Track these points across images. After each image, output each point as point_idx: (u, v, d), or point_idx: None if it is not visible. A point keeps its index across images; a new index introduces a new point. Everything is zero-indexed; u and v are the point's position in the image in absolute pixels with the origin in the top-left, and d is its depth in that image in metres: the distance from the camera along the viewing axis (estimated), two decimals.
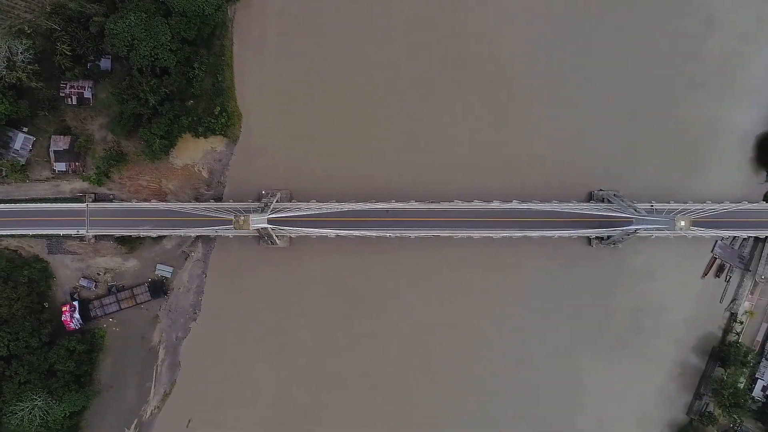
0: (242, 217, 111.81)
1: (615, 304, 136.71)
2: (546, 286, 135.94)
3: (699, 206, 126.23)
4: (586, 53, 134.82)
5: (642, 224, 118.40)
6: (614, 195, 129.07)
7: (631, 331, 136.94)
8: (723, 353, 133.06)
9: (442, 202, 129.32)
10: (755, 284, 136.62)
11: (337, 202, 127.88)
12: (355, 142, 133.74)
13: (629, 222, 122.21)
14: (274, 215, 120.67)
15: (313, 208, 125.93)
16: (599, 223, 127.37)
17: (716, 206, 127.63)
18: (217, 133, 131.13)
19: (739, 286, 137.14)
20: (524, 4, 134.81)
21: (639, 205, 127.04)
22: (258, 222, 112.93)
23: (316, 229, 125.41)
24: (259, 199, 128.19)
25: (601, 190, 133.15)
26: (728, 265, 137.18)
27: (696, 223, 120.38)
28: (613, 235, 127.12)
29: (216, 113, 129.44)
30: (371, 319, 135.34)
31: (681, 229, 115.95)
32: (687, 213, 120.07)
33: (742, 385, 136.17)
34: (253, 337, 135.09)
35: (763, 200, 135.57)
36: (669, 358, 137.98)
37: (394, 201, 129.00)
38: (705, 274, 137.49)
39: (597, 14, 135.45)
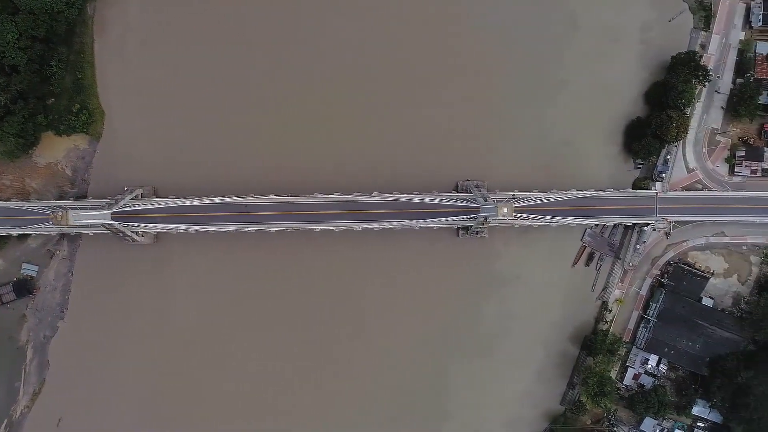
0: (60, 213, 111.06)
1: (485, 296, 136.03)
2: (414, 280, 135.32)
3: (539, 194, 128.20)
4: (456, 54, 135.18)
5: (485, 213, 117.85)
6: (475, 186, 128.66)
7: (503, 322, 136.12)
8: (590, 342, 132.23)
9: (301, 195, 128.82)
10: (624, 272, 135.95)
11: (195, 197, 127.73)
12: (218, 137, 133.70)
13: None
14: (122, 210, 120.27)
15: (169, 203, 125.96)
16: (458, 213, 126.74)
17: (558, 194, 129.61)
18: (79, 130, 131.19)
19: (610, 274, 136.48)
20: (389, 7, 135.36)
21: (500, 195, 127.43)
22: (91, 218, 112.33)
23: (170, 225, 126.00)
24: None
25: (467, 180, 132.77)
26: (598, 253, 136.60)
27: (540, 211, 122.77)
28: (472, 225, 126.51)
29: (75, 111, 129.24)
30: (240, 316, 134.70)
31: (504, 216, 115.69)
32: (526, 200, 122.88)
33: (614, 374, 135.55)
34: (123, 335, 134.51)
35: (632, 188, 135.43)
36: (543, 349, 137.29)
37: (253, 195, 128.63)
38: (575, 262, 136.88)
39: (467, 16, 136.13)
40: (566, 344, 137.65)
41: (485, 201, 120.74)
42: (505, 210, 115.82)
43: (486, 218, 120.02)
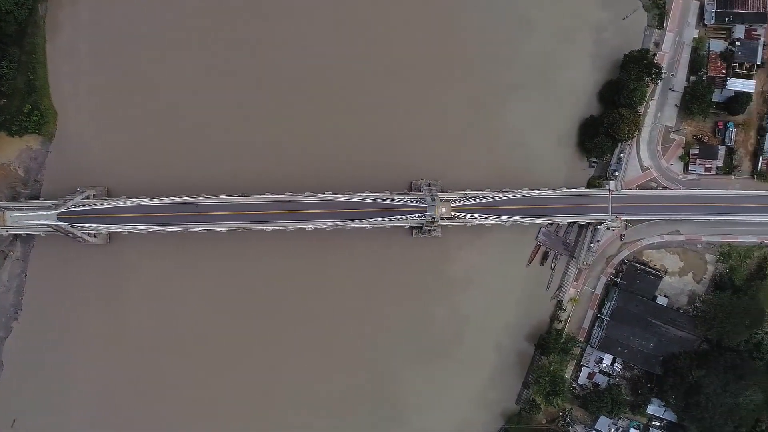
0: None
1: (439, 295, 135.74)
2: (367, 281, 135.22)
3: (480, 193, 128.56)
4: (411, 56, 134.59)
5: (430, 212, 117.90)
6: (427, 185, 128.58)
7: (457, 322, 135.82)
8: (544, 341, 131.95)
9: (252, 195, 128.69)
10: (579, 271, 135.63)
11: (146, 197, 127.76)
12: (172, 138, 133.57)
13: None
14: (70, 211, 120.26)
15: (120, 203, 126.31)
16: (407, 213, 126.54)
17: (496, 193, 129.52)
18: (31, 131, 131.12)
19: (564, 273, 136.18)
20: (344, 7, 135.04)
21: (451, 194, 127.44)
22: (33, 219, 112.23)
23: (120, 226, 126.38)
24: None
25: (421, 179, 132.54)
26: (553, 252, 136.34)
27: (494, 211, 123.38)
28: (423, 225, 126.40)
29: (26, 112, 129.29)
30: (193, 316, 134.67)
31: (442, 215, 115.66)
32: (473, 199, 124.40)
33: (568, 373, 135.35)
34: (78, 335, 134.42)
35: (587, 186, 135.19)
36: (498, 349, 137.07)
37: (204, 195, 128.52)
38: (530, 261, 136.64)
39: (422, 19, 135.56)
40: (522, 343, 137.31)
41: (432, 200, 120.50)
42: (443, 209, 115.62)
43: (433, 217, 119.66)
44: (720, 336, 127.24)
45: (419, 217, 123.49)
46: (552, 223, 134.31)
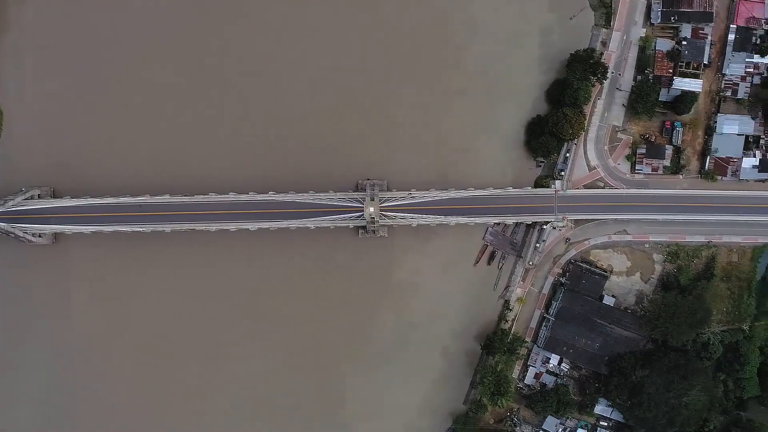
0: None
1: (386, 295, 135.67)
2: (312, 284, 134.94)
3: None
4: (360, 58, 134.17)
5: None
6: (371, 185, 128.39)
7: (405, 323, 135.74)
8: (489, 341, 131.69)
9: (196, 194, 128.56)
10: (526, 271, 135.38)
11: (90, 197, 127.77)
12: (118, 138, 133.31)
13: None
14: (11, 210, 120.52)
15: (63, 203, 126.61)
16: (350, 212, 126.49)
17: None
18: None
19: (512, 273, 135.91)
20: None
21: (395, 194, 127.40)
22: None
23: (63, 226, 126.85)
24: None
25: (367, 179, 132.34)
26: (500, 252, 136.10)
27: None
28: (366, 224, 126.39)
29: None
30: (139, 317, 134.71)
31: (370, 215, 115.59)
32: (413, 199, 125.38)
33: (516, 373, 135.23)
34: (23, 337, 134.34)
35: (534, 186, 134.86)
36: (447, 349, 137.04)
37: (148, 195, 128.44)
38: (477, 261, 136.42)
39: (370, 23, 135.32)
40: (471, 343, 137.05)
41: (372, 200, 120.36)
42: (371, 209, 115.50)
43: (372, 217, 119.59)
44: (664, 336, 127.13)
45: (359, 216, 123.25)
46: (499, 223, 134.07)
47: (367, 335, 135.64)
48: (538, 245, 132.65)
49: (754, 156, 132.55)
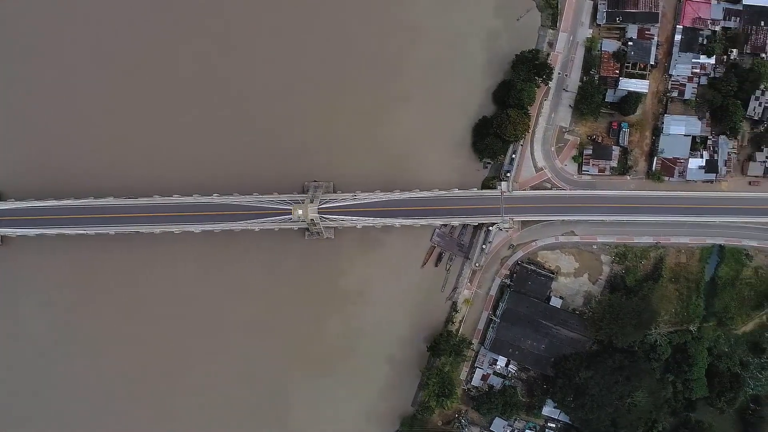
0: None
1: (333, 298, 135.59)
2: (259, 287, 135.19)
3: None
4: (306, 63, 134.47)
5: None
6: (315, 187, 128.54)
7: (352, 327, 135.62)
8: (435, 343, 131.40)
9: (140, 197, 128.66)
10: (474, 272, 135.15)
11: (34, 200, 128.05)
12: (62, 141, 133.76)
13: None
14: None
15: (7, 206, 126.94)
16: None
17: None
18: None
19: (459, 274, 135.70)
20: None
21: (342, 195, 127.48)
22: None
23: (6, 229, 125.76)
24: None
25: (313, 181, 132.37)
26: (447, 253, 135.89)
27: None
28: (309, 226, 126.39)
29: None
30: (85, 321, 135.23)
31: (298, 217, 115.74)
32: (354, 200, 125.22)
33: (463, 375, 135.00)
34: None
35: (481, 187, 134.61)
36: (395, 350, 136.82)
37: (92, 198, 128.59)
38: (424, 263, 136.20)
39: (316, 27, 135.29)
40: (420, 345, 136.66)
41: (311, 201, 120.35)
42: (300, 212, 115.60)
43: (312, 219, 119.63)
44: (609, 337, 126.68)
45: (299, 218, 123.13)
46: (446, 225, 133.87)
47: (315, 339, 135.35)
48: (484, 246, 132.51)
49: (701, 157, 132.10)
